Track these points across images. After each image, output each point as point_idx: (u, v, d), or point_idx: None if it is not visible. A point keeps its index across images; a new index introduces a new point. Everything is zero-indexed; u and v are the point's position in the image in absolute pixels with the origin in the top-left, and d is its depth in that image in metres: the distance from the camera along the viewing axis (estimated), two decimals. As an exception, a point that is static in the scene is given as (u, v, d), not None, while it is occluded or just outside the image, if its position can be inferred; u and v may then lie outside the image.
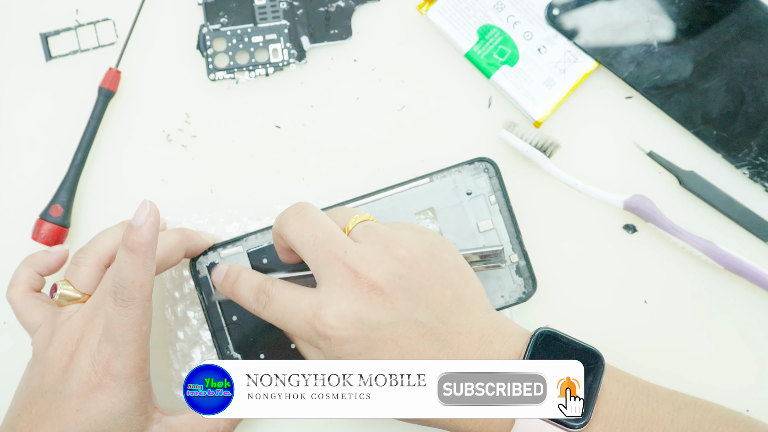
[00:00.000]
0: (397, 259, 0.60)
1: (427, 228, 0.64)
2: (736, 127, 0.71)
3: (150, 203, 0.60)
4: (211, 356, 0.70)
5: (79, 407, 0.62)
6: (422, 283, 0.60)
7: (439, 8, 0.72)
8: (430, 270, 0.60)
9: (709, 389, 0.71)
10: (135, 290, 0.61)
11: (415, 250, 0.61)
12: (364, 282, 0.59)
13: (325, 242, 0.61)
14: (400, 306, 0.59)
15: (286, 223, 0.63)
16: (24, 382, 0.65)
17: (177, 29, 0.73)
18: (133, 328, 0.62)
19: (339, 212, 0.64)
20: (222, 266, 0.67)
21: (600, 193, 0.70)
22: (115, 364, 0.62)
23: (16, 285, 0.67)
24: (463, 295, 0.61)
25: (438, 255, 0.61)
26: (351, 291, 0.59)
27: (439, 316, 0.60)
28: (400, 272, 0.60)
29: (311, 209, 0.63)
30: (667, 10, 0.71)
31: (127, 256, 0.61)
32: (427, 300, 0.60)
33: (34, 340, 0.65)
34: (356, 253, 0.60)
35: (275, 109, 0.73)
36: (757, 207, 0.71)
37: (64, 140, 0.73)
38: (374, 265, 0.59)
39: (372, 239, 0.61)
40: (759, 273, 0.69)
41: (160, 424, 0.65)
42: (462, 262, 0.63)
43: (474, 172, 0.70)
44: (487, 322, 0.61)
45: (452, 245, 0.63)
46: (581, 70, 0.72)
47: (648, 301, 0.71)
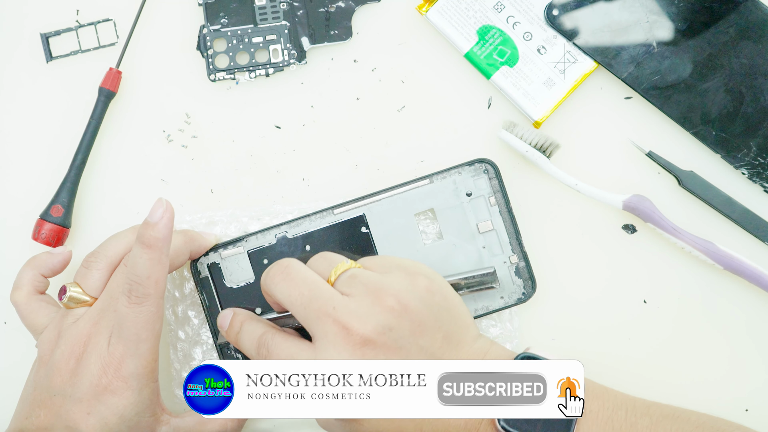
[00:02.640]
0: (386, 311, 0.60)
1: (417, 266, 0.64)
2: (735, 128, 0.71)
3: (166, 201, 0.62)
4: (212, 356, 0.71)
5: (90, 410, 0.62)
6: (413, 330, 0.61)
7: (439, 9, 0.72)
8: (420, 317, 0.61)
9: (709, 389, 0.71)
10: (150, 286, 0.62)
11: (405, 299, 0.61)
12: (356, 338, 0.60)
13: (312, 300, 0.61)
14: (392, 356, 0.60)
15: (272, 282, 0.63)
16: (30, 385, 0.65)
17: (177, 30, 0.73)
18: (146, 326, 0.62)
19: (322, 262, 0.64)
20: (226, 312, 0.67)
21: (599, 193, 0.70)
22: (128, 365, 0.62)
23: (20, 287, 0.67)
24: (452, 333, 0.62)
25: (429, 299, 0.62)
26: (344, 348, 0.60)
27: (430, 358, 0.61)
28: (390, 324, 0.60)
29: (295, 266, 0.63)
30: (666, 11, 0.71)
31: (142, 251, 0.61)
32: (418, 345, 0.61)
33: (39, 343, 0.65)
34: (345, 308, 0.60)
35: (275, 109, 0.73)
36: (756, 207, 0.71)
37: (64, 140, 0.73)
38: (364, 320, 0.60)
39: (359, 290, 0.61)
40: (758, 273, 0.70)
41: (168, 426, 0.65)
42: (452, 300, 0.63)
43: (474, 173, 0.70)
44: (476, 352, 0.62)
45: (443, 282, 0.64)
46: (581, 70, 0.72)
47: (648, 301, 0.72)
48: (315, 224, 0.70)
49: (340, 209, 0.70)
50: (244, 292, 0.70)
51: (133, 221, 0.71)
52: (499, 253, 0.69)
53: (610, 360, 0.71)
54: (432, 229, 0.70)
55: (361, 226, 0.70)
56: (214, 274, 0.70)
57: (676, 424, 0.62)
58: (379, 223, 0.70)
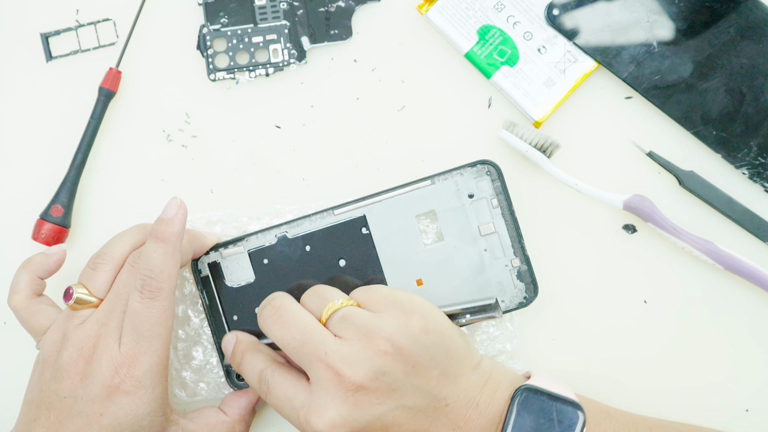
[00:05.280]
0: (379, 355, 0.60)
1: (413, 302, 0.63)
2: (736, 128, 0.71)
3: (180, 200, 0.63)
4: (213, 355, 0.71)
5: (102, 411, 0.62)
6: (407, 372, 0.60)
7: (439, 8, 0.72)
8: (414, 358, 0.61)
9: (710, 389, 0.71)
10: (163, 280, 0.62)
11: (398, 342, 0.60)
12: (349, 384, 0.60)
13: (304, 344, 0.61)
14: (386, 399, 0.60)
15: (265, 324, 0.64)
16: (35, 387, 0.64)
17: (177, 29, 0.73)
18: (159, 321, 0.62)
19: (315, 298, 0.64)
20: (230, 338, 0.67)
21: (600, 193, 0.70)
22: (141, 362, 0.62)
23: (17, 292, 0.66)
24: (449, 368, 0.62)
25: (423, 339, 0.61)
26: (337, 395, 0.60)
27: (427, 396, 0.61)
28: (384, 368, 0.60)
29: (287, 307, 0.63)
30: (666, 11, 0.71)
31: (156, 246, 0.62)
32: (413, 385, 0.61)
33: (41, 344, 0.65)
34: (337, 354, 0.60)
35: (275, 109, 0.73)
36: (757, 207, 0.71)
37: (64, 140, 0.72)
38: (356, 366, 0.60)
39: (351, 333, 0.61)
40: (758, 273, 0.70)
41: (177, 426, 0.65)
42: (449, 335, 0.62)
43: (476, 175, 0.70)
44: (474, 384, 0.62)
45: (439, 318, 0.63)
46: (581, 70, 0.72)
47: (648, 301, 0.72)
48: (315, 224, 0.70)
49: (341, 210, 0.70)
50: (244, 291, 0.70)
51: (133, 221, 0.71)
52: (500, 257, 0.69)
53: (611, 360, 0.71)
54: (433, 230, 0.70)
55: (362, 227, 0.69)
56: (214, 274, 0.70)
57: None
58: (380, 224, 0.69)
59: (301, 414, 0.61)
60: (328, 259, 0.69)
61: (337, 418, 0.59)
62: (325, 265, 0.69)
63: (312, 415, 0.60)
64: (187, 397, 0.70)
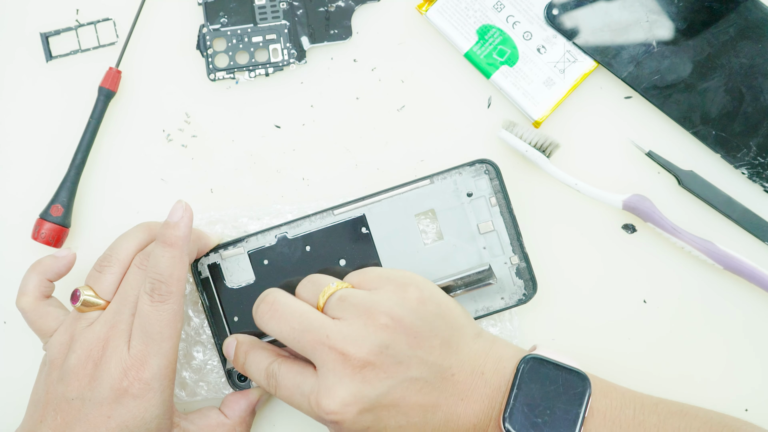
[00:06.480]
0: (380, 329, 0.61)
1: (405, 276, 0.64)
2: (735, 127, 0.71)
3: (185, 203, 0.64)
4: (213, 355, 0.71)
5: (110, 413, 0.62)
6: (409, 343, 0.61)
7: (439, 8, 0.72)
8: (415, 329, 0.61)
9: (709, 389, 0.71)
10: (172, 284, 0.62)
11: (397, 314, 0.61)
12: (355, 362, 0.60)
13: (304, 332, 0.61)
14: (393, 372, 0.60)
15: (262, 321, 0.64)
16: (41, 388, 0.64)
17: (177, 29, 0.73)
18: (169, 324, 0.62)
19: (309, 287, 0.65)
20: (230, 341, 0.67)
21: (599, 193, 0.70)
22: (151, 365, 0.62)
23: (26, 294, 0.66)
24: (450, 338, 0.62)
25: (421, 310, 0.62)
26: (344, 374, 0.60)
27: (432, 366, 0.61)
28: (386, 342, 0.60)
29: (281, 300, 0.63)
30: (666, 10, 0.71)
31: (164, 250, 0.62)
32: (417, 357, 0.61)
33: (49, 346, 0.65)
34: (339, 334, 0.61)
35: (275, 109, 0.73)
36: (756, 207, 0.71)
37: (64, 140, 0.73)
38: (360, 343, 0.60)
39: (350, 312, 0.61)
40: (758, 273, 0.70)
41: (178, 427, 0.65)
42: (445, 305, 0.63)
43: (475, 174, 0.70)
44: (477, 352, 0.63)
45: (434, 289, 0.64)
46: (580, 70, 0.72)
47: (647, 300, 0.72)
48: (315, 225, 0.70)
49: (341, 210, 0.70)
50: (244, 292, 0.70)
51: (133, 220, 0.71)
52: (499, 254, 0.69)
53: (610, 360, 0.71)
54: (432, 229, 0.70)
55: (362, 227, 0.70)
56: (214, 275, 0.70)
57: (684, 421, 0.62)
58: (380, 224, 0.70)
59: (311, 399, 0.61)
60: (329, 259, 0.70)
61: (347, 397, 0.60)
62: (326, 265, 0.69)
63: (322, 398, 0.60)
64: (187, 396, 0.70)
